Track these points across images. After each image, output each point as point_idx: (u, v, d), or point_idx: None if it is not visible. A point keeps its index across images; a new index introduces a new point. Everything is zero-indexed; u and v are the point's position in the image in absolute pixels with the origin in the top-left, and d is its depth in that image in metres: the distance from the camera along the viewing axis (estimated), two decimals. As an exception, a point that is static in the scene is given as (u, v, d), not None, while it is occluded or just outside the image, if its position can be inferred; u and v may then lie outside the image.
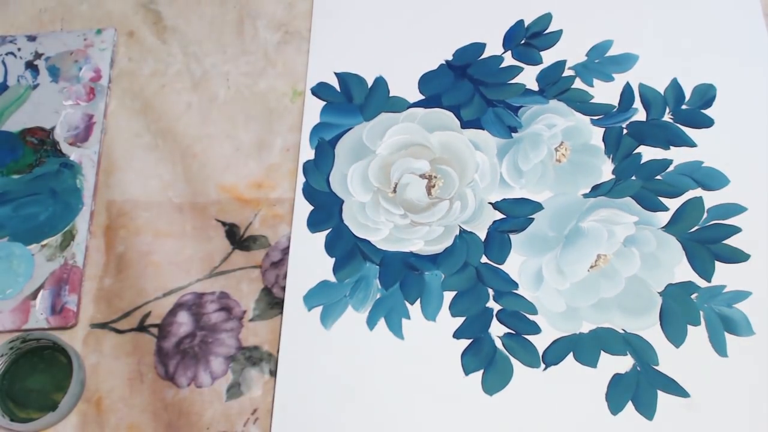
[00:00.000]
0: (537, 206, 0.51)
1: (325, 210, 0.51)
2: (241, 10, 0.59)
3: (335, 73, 0.56)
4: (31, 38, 0.57)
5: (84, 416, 0.47)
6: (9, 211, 0.52)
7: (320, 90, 0.55)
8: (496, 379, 0.47)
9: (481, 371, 0.47)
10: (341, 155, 0.53)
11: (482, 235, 0.50)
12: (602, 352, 0.47)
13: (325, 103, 0.54)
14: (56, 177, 0.53)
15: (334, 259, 0.50)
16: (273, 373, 0.48)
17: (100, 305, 0.50)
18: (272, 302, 0.50)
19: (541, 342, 0.47)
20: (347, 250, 0.50)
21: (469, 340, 0.48)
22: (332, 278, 0.50)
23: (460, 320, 0.48)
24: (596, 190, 0.51)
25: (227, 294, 0.50)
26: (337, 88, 0.55)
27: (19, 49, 0.57)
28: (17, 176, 0.53)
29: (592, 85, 0.55)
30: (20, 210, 0.52)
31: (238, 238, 0.51)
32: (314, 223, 0.51)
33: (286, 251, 0.51)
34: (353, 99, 0.55)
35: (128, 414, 0.47)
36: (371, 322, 0.48)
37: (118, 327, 0.50)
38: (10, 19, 0.59)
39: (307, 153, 0.53)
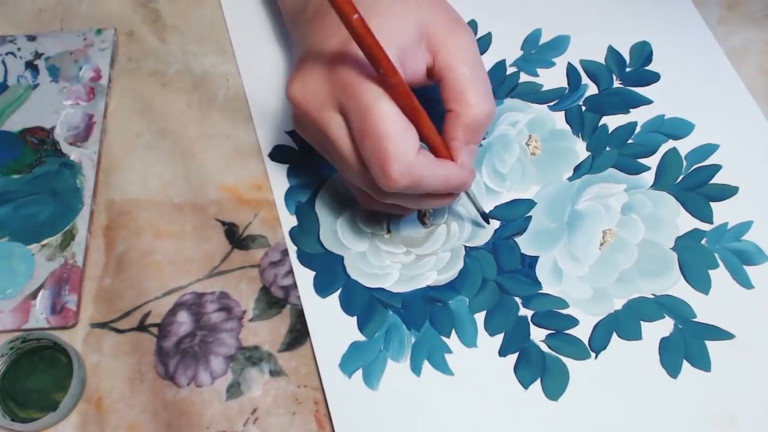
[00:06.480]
0: (530, 203, 0.51)
1: (328, 271, 0.49)
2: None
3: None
4: (31, 38, 0.58)
5: (84, 416, 0.46)
6: (9, 211, 0.51)
7: (276, 153, 0.53)
8: (555, 382, 0.45)
9: (539, 380, 0.46)
10: (323, 213, 0.51)
11: (488, 249, 0.50)
12: (642, 322, 0.47)
13: (288, 165, 0.53)
14: (56, 177, 0.52)
15: (355, 317, 0.47)
16: (272, 373, 0.47)
17: (100, 305, 0.49)
18: (271, 302, 0.49)
19: (582, 332, 0.47)
20: (365, 304, 0.48)
21: (516, 354, 0.46)
22: (361, 337, 0.47)
23: (499, 337, 0.47)
24: (578, 171, 0.52)
25: (227, 294, 0.49)
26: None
27: (19, 49, 0.57)
28: (17, 176, 0.52)
29: (537, 75, 0.55)
30: (20, 210, 0.51)
31: (237, 237, 0.51)
32: (322, 288, 0.48)
33: (285, 252, 0.50)
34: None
35: (128, 413, 0.46)
36: (416, 368, 0.46)
37: (118, 327, 0.48)
38: (9, 19, 0.60)
39: (289, 221, 0.51)
